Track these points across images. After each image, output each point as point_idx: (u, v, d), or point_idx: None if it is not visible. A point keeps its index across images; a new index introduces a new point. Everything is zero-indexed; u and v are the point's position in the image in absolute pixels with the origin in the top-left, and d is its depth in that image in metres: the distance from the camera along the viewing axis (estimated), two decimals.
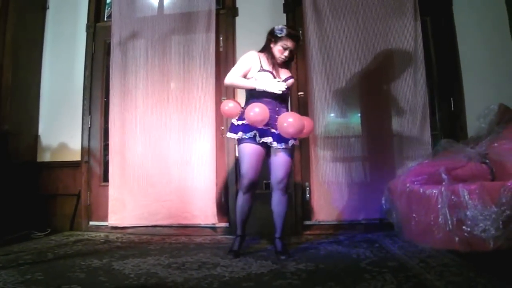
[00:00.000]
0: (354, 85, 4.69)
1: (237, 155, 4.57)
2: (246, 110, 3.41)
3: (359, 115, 4.72)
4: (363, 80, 4.67)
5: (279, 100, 3.54)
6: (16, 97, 5.08)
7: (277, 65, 3.60)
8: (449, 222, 3.08)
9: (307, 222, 4.63)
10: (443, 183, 3.25)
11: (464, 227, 2.96)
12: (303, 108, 4.73)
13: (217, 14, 4.99)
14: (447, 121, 4.68)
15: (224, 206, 4.79)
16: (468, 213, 2.95)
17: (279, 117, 3.40)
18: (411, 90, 4.56)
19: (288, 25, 3.91)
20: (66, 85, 5.41)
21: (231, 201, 4.76)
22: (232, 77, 3.56)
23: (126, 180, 4.94)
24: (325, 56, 4.71)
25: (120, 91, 5.05)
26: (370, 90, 4.66)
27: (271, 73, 3.52)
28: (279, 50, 3.54)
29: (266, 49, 3.63)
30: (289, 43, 3.52)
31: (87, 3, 5.47)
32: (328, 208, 4.53)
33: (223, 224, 4.73)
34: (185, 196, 4.77)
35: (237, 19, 5.03)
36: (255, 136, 3.46)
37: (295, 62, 4.72)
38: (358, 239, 4.09)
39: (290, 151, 3.55)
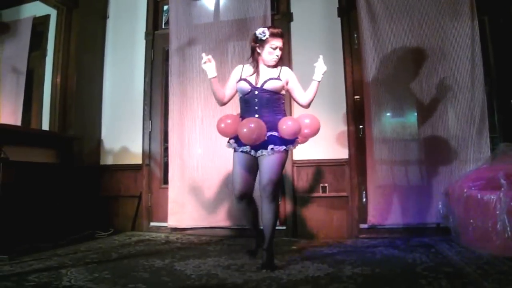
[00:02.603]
0: (410, 88, 4.64)
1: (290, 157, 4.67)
2: (239, 126, 3.31)
3: (415, 117, 4.66)
4: (419, 82, 4.62)
5: (263, 106, 3.41)
6: (80, 103, 5.31)
7: (266, 69, 3.49)
8: (508, 228, 3.05)
9: (363, 226, 4.62)
10: (502, 188, 3.22)
11: None
12: (358, 111, 4.75)
13: (272, 20, 5.04)
14: (507, 123, 4.56)
15: (281, 209, 4.80)
16: None
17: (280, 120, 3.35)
18: (468, 91, 4.48)
19: (268, 26, 3.79)
20: (127, 91, 5.61)
21: (287, 206, 4.83)
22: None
23: (185, 183, 5.08)
24: (380, 59, 4.68)
25: (179, 96, 5.20)
26: (427, 92, 4.60)
27: (246, 80, 3.44)
28: (269, 52, 3.42)
29: (251, 57, 3.54)
30: (276, 42, 3.40)
31: (145, 12, 5.65)
32: (384, 211, 4.51)
33: (280, 227, 4.72)
34: None
35: (292, 24, 5.07)
36: (249, 150, 3.40)
37: (350, 65, 4.77)
38: (415, 244, 4.06)
39: (277, 157, 3.31)
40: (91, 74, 5.59)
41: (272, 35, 3.40)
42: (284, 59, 4.78)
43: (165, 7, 5.72)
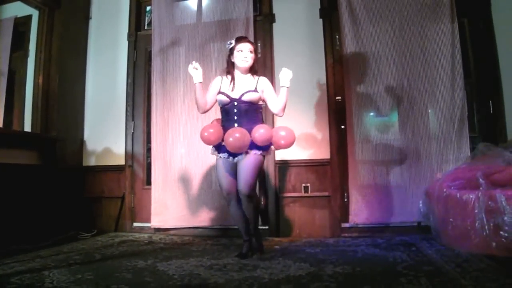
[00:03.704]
0: (391, 89, 4.68)
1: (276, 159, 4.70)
2: (226, 136, 3.52)
3: (396, 118, 4.70)
4: (400, 84, 4.66)
5: (242, 116, 3.64)
6: (62, 104, 5.28)
7: (244, 79, 3.74)
8: (486, 227, 3.09)
9: (345, 225, 4.65)
10: (480, 188, 3.26)
11: (501, 232, 2.97)
12: (340, 112, 4.78)
13: (255, 21, 5.07)
14: (486, 124, 4.64)
15: (263, 209, 4.86)
16: (505, 218, 2.97)
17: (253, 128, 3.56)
18: (449, 92, 4.53)
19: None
20: (109, 92, 5.59)
21: (270, 206, 4.85)
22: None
23: (168, 183, 5.08)
24: (361, 60, 4.73)
25: (161, 97, 5.20)
26: (407, 94, 4.64)
27: (224, 93, 3.66)
28: (239, 56, 3.68)
29: (227, 70, 3.83)
30: (241, 45, 3.68)
31: (128, 13, 5.65)
32: (366, 210, 4.54)
33: (262, 227, 4.73)
34: None
35: (274, 25, 5.10)
36: (228, 156, 3.65)
37: (332, 66, 4.78)
38: (396, 242, 4.10)
39: (252, 160, 3.57)
40: (74, 75, 5.56)
41: (237, 40, 3.74)
42: (266, 60, 4.84)
43: (148, 8, 5.72)
